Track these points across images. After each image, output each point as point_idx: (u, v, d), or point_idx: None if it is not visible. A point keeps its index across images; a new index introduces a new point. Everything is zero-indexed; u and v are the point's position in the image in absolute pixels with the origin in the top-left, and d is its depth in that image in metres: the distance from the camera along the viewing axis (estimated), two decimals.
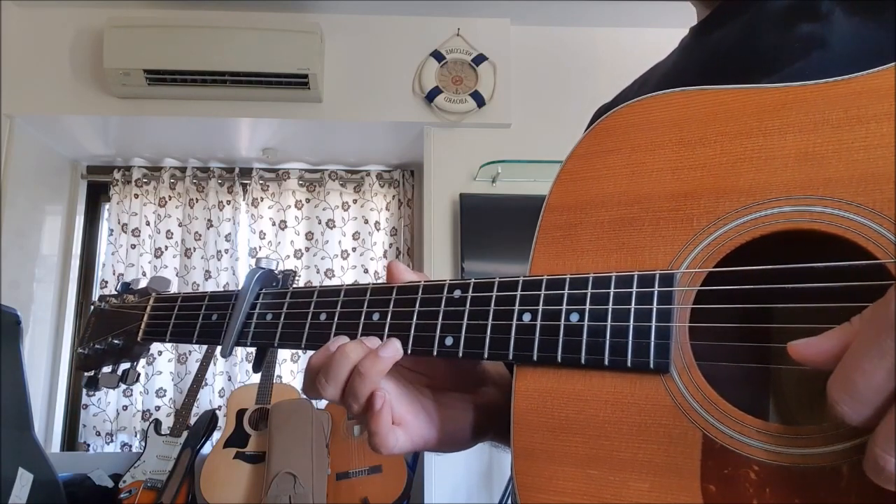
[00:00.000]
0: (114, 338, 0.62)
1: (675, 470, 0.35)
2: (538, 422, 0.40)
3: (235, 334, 0.54)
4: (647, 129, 0.43)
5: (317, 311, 0.51)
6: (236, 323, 0.54)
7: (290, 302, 0.53)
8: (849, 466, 0.31)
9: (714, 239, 0.38)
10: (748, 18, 0.51)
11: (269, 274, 0.56)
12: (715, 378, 0.36)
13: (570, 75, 2.42)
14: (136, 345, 0.62)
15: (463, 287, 0.45)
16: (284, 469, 2.03)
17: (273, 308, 0.54)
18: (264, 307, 0.54)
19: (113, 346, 0.63)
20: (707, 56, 0.54)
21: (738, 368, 0.40)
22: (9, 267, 2.24)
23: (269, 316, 0.54)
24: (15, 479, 1.73)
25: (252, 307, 0.55)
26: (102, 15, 2.24)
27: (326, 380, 0.44)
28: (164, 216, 2.74)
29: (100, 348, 0.63)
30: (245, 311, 0.54)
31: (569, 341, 0.40)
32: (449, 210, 2.37)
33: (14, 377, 1.81)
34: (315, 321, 0.51)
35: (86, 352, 0.64)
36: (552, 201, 0.45)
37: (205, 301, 0.58)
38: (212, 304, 0.57)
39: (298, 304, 0.52)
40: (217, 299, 0.57)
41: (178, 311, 0.60)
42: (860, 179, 0.34)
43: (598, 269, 0.41)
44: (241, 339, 0.54)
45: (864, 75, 0.36)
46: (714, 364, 0.37)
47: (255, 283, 0.55)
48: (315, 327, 0.51)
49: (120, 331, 0.62)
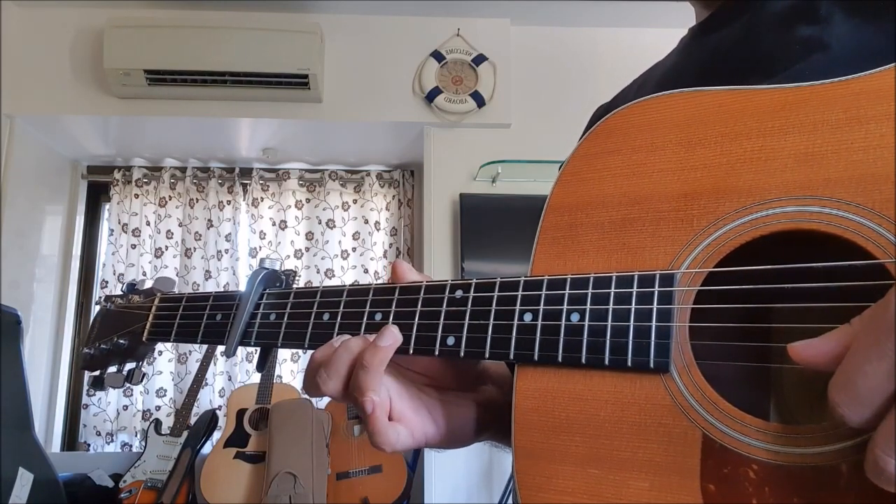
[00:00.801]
0: (119, 338, 0.63)
1: (675, 469, 0.35)
2: (539, 421, 0.40)
3: (239, 334, 0.54)
4: (647, 130, 0.43)
5: (320, 311, 0.51)
6: (240, 323, 0.54)
7: (294, 302, 0.53)
8: (848, 466, 0.31)
9: (714, 239, 0.38)
10: (748, 20, 0.51)
11: (272, 274, 0.56)
12: (715, 378, 0.36)
13: (570, 75, 2.42)
14: (141, 345, 0.62)
15: (465, 287, 0.45)
16: (284, 469, 2.04)
17: (276, 308, 0.54)
18: (268, 307, 0.55)
19: (118, 346, 0.63)
20: (706, 57, 0.54)
21: (739, 368, 0.41)
22: (9, 267, 2.24)
23: (272, 316, 0.54)
24: (15, 479, 1.73)
25: (256, 307, 0.55)
26: (103, 15, 2.24)
27: (328, 374, 0.45)
28: (164, 216, 2.75)
29: (105, 348, 0.63)
30: (249, 312, 0.54)
31: (569, 341, 0.40)
32: (449, 210, 2.37)
33: (14, 377, 1.81)
34: (318, 321, 0.51)
35: (91, 352, 0.65)
36: (553, 202, 0.45)
37: (209, 301, 0.58)
38: (216, 304, 0.58)
39: (301, 305, 0.53)
40: (221, 300, 0.58)
41: (183, 312, 0.60)
42: (859, 180, 0.34)
43: (599, 270, 0.41)
44: (245, 339, 0.54)
45: (863, 76, 0.36)
46: (714, 363, 0.38)
47: (259, 283, 0.55)
48: (318, 327, 0.51)
49: (125, 331, 0.63)
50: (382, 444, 0.44)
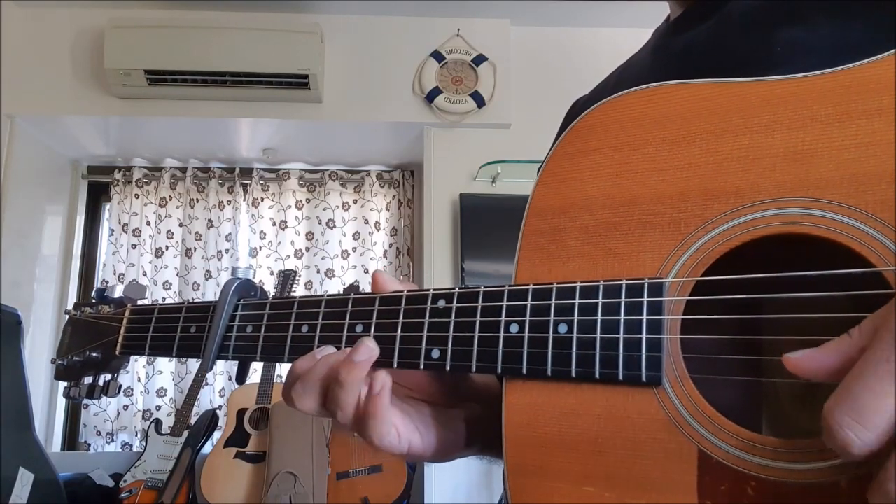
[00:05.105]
0: (91, 350, 0.61)
1: (671, 486, 0.34)
2: (531, 437, 0.39)
3: (216, 349, 0.52)
4: (629, 126, 0.41)
5: (298, 324, 0.49)
6: (216, 336, 0.52)
7: (270, 314, 0.51)
8: (847, 482, 0.30)
9: (703, 244, 0.37)
10: (723, 17, 0.50)
11: (246, 284, 0.54)
12: (706, 381, 0.36)
13: (570, 75, 2.41)
14: (115, 358, 0.60)
15: (447, 297, 0.44)
16: (284, 469, 2.04)
17: (253, 320, 0.52)
18: (244, 319, 0.52)
19: (91, 359, 0.61)
20: (682, 56, 0.52)
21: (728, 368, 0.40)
22: (9, 267, 2.24)
23: (249, 328, 0.52)
24: (16, 479, 1.73)
25: (231, 319, 0.53)
26: (103, 15, 2.24)
27: (303, 389, 0.43)
28: (164, 216, 2.75)
29: (78, 360, 0.61)
30: (224, 324, 0.52)
31: (558, 354, 0.39)
32: (449, 210, 2.37)
33: (15, 377, 1.81)
34: (297, 333, 0.49)
35: (64, 363, 0.62)
36: (535, 204, 0.44)
37: (182, 313, 0.56)
38: (189, 315, 0.55)
39: (279, 317, 0.51)
40: (195, 311, 0.55)
41: (156, 324, 0.58)
42: (851, 180, 0.33)
43: (584, 276, 0.40)
44: (223, 352, 0.52)
45: (851, 68, 0.35)
46: (705, 369, 0.37)
47: (233, 293, 0.53)
48: (297, 340, 0.49)
49: (98, 343, 0.61)
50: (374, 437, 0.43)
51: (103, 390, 0.62)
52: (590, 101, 0.44)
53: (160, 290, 2.68)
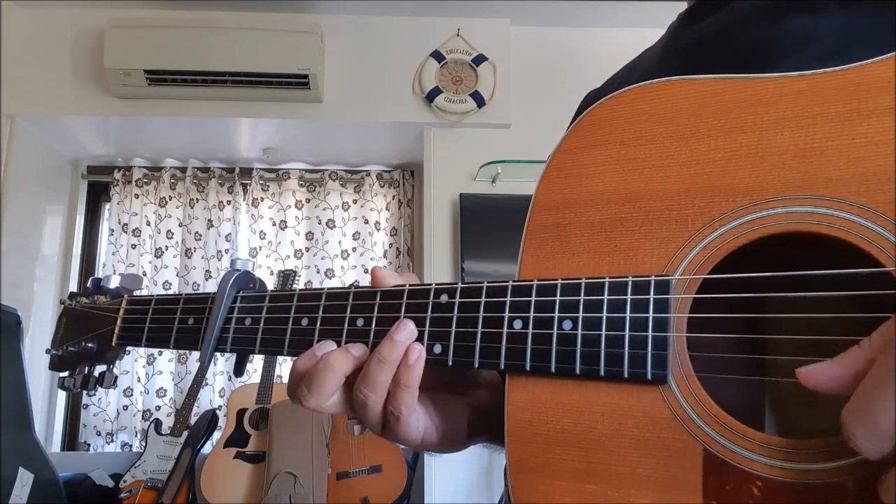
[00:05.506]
0: (87, 341, 0.60)
1: (676, 485, 0.34)
2: (533, 434, 0.38)
3: (214, 340, 0.51)
4: (635, 121, 0.40)
5: (298, 317, 0.48)
6: (214, 328, 0.51)
7: (270, 306, 0.50)
8: (854, 483, 0.30)
9: (710, 242, 0.36)
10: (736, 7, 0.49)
11: (245, 276, 0.53)
12: (709, 380, 0.35)
13: (570, 75, 2.41)
14: (110, 349, 0.59)
15: (450, 292, 0.43)
16: (284, 469, 2.03)
17: (252, 312, 0.51)
18: (242, 311, 0.52)
19: (87, 350, 0.60)
20: (693, 48, 0.52)
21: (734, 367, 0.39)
22: (9, 267, 2.24)
23: (247, 321, 0.51)
24: (15, 479, 1.73)
25: (230, 311, 0.52)
26: (103, 15, 2.24)
27: (309, 390, 0.43)
28: (164, 216, 2.74)
29: (73, 350, 0.60)
30: (223, 316, 0.51)
31: (562, 351, 0.38)
32: (449, 210, 2.36)
33: (14, 377, 1.81)
34: (296, 326, 0.48)
35: (59, 353, 0.61)
36: (539, 199, 0.43)
37: (180, 304, 0.55)
38: (187, 307, 0.55)
39: (278, 309, 0.50)
40: (192, 302, 0.55)
41: (153, 315, 0.57)
42: (861, 178, 0.33)
43: (589, 273, 0.39)
44: (221, 345, 0.51)
45: (863, 65, 0.34)
46: (711, 367, 0.36)
47: (232, 285, 0.52)
48: (297, 333, 0.48)
49: (93, 334, 0.60)
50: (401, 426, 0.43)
51: (98, 381, 0.61)
52: (601, 94, 0.43)
53: (160, 290, 2.68)
